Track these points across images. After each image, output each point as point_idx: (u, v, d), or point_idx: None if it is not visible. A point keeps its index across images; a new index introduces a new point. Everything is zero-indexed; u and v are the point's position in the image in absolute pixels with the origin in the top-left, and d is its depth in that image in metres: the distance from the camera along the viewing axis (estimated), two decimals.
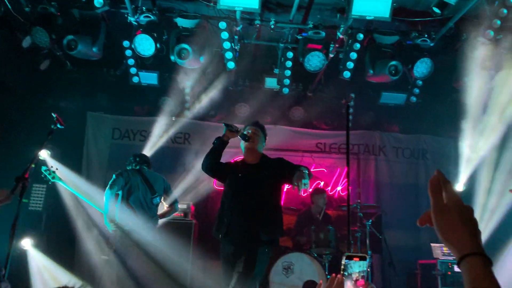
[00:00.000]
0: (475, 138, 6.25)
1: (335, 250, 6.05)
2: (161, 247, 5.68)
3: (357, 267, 1.40)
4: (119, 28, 6.11)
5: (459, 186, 6.84)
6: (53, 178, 5.33)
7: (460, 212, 0.99)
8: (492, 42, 5.12)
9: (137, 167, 5.61)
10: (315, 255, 5.86)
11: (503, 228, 6.21)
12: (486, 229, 6.22)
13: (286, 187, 7.73)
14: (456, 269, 5.93)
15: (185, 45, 5.92)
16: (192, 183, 7.30)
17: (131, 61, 6.38)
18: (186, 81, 6.87)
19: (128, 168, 5.64)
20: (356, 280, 1.36)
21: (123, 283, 5.11)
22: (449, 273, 5.87)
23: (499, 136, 6.07)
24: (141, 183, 5.44)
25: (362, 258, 1.42)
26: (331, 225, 6.24)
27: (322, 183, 7.91)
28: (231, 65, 6.21)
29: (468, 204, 1.01)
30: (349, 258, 1.42)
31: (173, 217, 6.61)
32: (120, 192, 5.32)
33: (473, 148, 6.39)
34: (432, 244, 6.27)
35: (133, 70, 6.51)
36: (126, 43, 6.14)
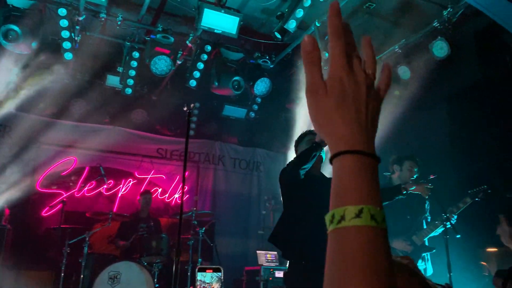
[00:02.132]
0: None
1: (166, 258, 5.97)
2: None
3: (209, 279, 1.38)
4: None
5: None
6: None
7: (340, 94, 0.69)
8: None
9: None
10: (145, 263, 5.69)
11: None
12: None
13: (121, 192, 7.41)
14: (277, 274, 6.42)
15: (14, 26, 5.23)
16: (8, 183, 6.41)
17: None
18: (13, 67, 6.04)
19: None
20: None
21: None
22: (270, 278, 6.31)
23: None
24: None
25: (216, 270, 1.40)
26: (162, 232, 6.16)
27: (160, 190, 7.79)
28: (68, 56, 5.72)
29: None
30: (202, 270, 1.39)
31: None
32: None
33: None
34: (258, 251, 6.68)
35: None
36: None
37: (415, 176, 4.61)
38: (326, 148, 3.45)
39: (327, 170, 3.85)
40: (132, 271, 5.47)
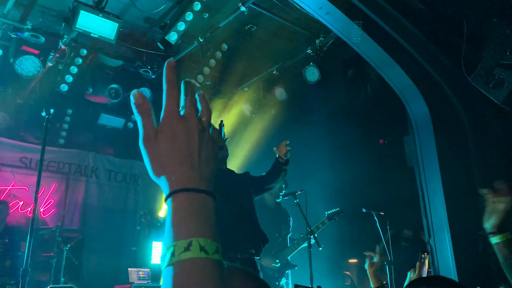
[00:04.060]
0: None
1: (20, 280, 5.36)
2: None
3: None
4: None
5: (162, 212, 7.31)
6: None
7: (170, 139, 0.73)
8: (202, 86, 5.81)
9: None
10: None
11: None
12: None
13: None
14: None
15: None
16: None
17: None
18: None
19: None
20: None
21: None
22: None
23: None
24: None
25: None
26: (19, 250, 5.54)
27: (21, 203, 7.02)
28: None
29: None
30: None
31: None
32: None
33: None
34: (129, 269, 6.37)
35: None
36: None
37: (283, 192, 4.87)
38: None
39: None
40: None
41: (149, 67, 6.18)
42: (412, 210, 5.18)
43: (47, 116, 3.17)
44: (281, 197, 4.92)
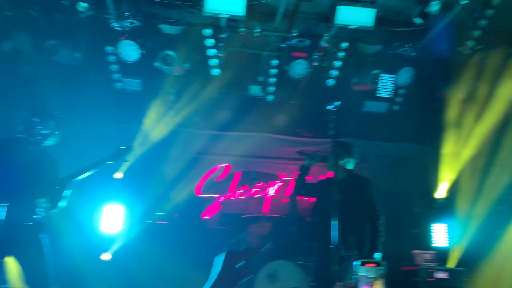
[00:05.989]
0: (457, 146, 6.38)
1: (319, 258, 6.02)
2: None
3: (372, 273, 1.41)
4: (100, 33, 6.03)
5: (439, 194, 6.96)
6: None
7: None
8: (472, 52, 5.24)
9: None
10: (299, 262, 5.83)
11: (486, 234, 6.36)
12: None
13: (270, 194, 7.74)
14: (436, 275, 6.00)
15: (169, 52, 5.90)
16: (174, 192, 7.23)
17: (114, 67, 6.30)
18: (170, 88, 6.81)
19: None
20: (371, 285, 1.38)
21: None
22: (429, 279, 5.93)
23: (483, 143, 6.20)
24: None
25: (378, 264, 1.43)
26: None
27: None
28: (215, 72, 6.20)
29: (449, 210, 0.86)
30: (363, 264, 1.44)
31: None
32: None
33: (455, 156, 6.51)
34: (413, 251, 6.33)
35: (116, 76, 6.43)
36: (109, 49, 6.06)
37: None
38: None
39: None
40: (289, 270, 5.64)
41: (408, 45, 5.98)
42: None
43: (335, 109, 3.47)
44: None
